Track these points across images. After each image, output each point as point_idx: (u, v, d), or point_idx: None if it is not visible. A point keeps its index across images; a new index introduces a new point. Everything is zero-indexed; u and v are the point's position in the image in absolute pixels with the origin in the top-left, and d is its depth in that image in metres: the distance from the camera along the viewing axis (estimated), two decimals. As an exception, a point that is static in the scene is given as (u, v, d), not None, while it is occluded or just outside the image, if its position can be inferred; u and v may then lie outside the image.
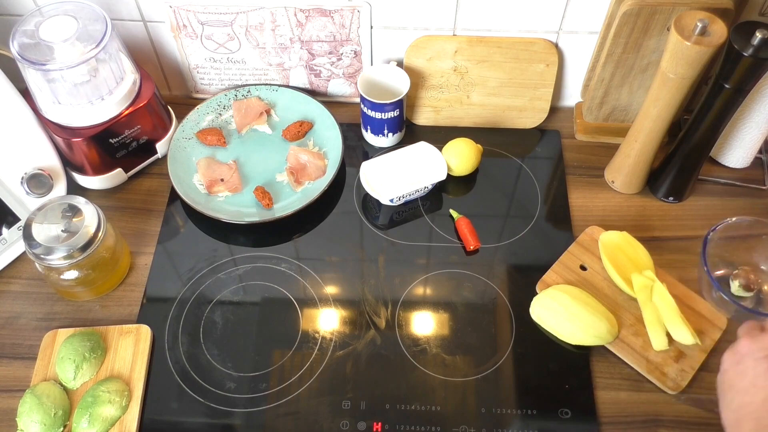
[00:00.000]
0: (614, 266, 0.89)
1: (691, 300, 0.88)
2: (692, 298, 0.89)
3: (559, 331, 0.86)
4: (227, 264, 0.95)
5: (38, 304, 0.92)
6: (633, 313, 0.88)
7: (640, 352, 0.85)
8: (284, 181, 1.02)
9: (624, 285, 0.88)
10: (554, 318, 0.86)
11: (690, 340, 0.82)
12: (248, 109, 1.08)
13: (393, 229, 0.99)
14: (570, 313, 0.84)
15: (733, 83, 0.83)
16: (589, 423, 0.81)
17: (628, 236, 0.92)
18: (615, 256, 0.90)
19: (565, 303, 0.85)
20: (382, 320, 0.89)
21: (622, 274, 0.88)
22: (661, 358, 0.84)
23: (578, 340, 0.85)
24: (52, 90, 0.93)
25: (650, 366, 0.84)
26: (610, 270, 0.89)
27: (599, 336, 0.84)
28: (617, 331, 0.86)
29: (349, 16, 1.00)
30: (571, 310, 0.84)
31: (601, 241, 0.92)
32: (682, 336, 0.82)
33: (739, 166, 1.04)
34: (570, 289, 0.87)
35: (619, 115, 1.07)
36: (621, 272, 0.88)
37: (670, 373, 0.83)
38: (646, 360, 0.84)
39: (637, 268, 0.89)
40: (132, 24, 1.04)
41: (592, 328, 0.84)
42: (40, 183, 0.94)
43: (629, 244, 0.91)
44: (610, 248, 0.91)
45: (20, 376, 0.86)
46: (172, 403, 0.83)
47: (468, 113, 1.10)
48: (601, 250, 0.91)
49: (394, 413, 0.82)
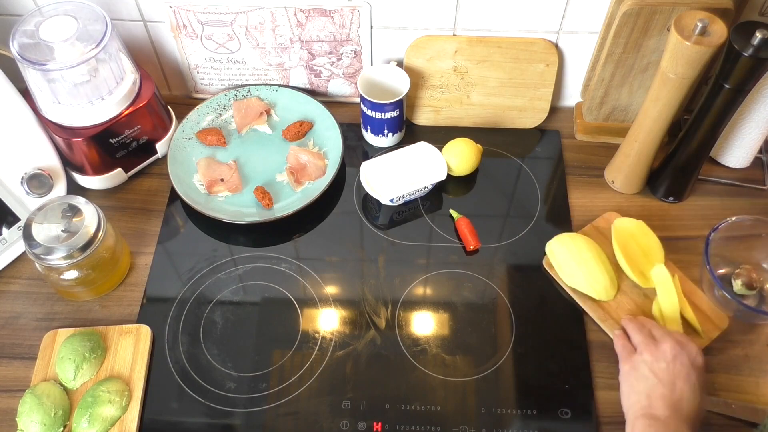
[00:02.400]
0: (624, 253, 0.90)
1: (695, 296, 0.89)
2: (696, 294, 0.89)
3: (564, 270, 0.90)
4: (227, 264, 0.95)
5: (38, 304, 0.92)
6: (634, 299, 0.89)
7: None
8: (284, 181, 1.02)
9: (631, 272, 0.89)
10: (565, 255, 0.90)
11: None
12: (248, 109, 1.08)
13: (393, 229, 0.99)
14: (581, 257, 0.89)
15: (733, 83, 0.83)
16: (589, 423, 0.81)
17: (643, 225, 0.92)
18: (626, 244, 0.91)
19: (581, 247, 0.90)
20: (382, 320, 0.89)
21: (631, 262, 0.89)
22: None
23: (575, 284, 0.89)
24: (52, 90, 0.93)
25: None
26: (619, 256, 0.90)
27: (596, 289, 0.88)
28: (614, 294, 0.89)
29: (349, 16, 1.00)
30: (583, 255, 0.89)
31: (614, 227, 0.93)
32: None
33: (739, 166, 1.04)
34: (590, 241, 0.91)
35: (619, 115, 1.07)
36: (630, 260, 0.89)
37: None
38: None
39: (647, 258, 0.90)
40: (132, 24, 1.04)
41: (594, 279, 0.88)
42: (40, 183, 0.94)
43: (643, 233, 0.92)
44: (623, 235, 0.92)
45: (20, 376, 0.86)
46: (172, 403, 0.83)
47: (468, 113, 1.10)
48: (614, 235, 0.92)
49: (394, 413, 0.82)
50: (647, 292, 0.90)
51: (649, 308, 0.88)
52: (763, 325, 0.88)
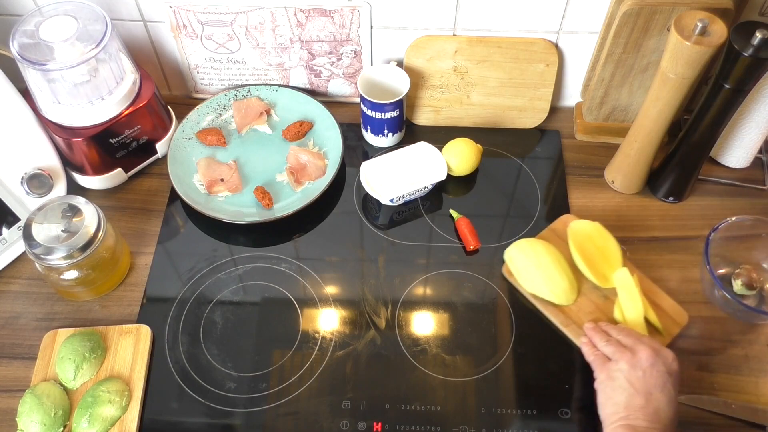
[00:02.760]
0: (581, 255, 0.89)
1: (656, 295, 0.89)
2: (657, 293, 0.89)
3: (522, 276, 0.90)
4: (227, 264, 0.95)
5: (38, 304, 0.92)
6: (595, 302, 0.88)
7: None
8: (284, 181, 1.02)
9: (590, 273, 0.88)
10: (523, 262, 0.89)
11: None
12: (248, 109, 1.08)
13: (393, 229, 0.99)
14: (539, 262, 0.88)
15: (733, 83, 0.83)
16: (589, 423, 0.81)
17: (599, 227, 0.92)
18: (584, 246, 0.90)
19: (539, 252, 0.89)
20: (382, 320, 0.89)
21: (589, 263, 0.89)
22: None
23: (535, 290, 0.89)
24: (52, 90, 0.93)
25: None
26: (577, 258, 0.90)
27: (556, 294, 0.87)
28: (574, 298, 0.88)
29: (349, 16, 1.00)
30: (542, 260, 0.88)
31: (570, 229, 0.92)
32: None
33: (739, 166, 1.04)
34: (548, 245, 0.90)
35: (619, 115, 1.07)
36: (588, 261, 0.89)
37: None
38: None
39: (605, 259, 0.90)
40: (132, 24, 1.04)
41: (553, 284, 0.87)
42: (40, 183, 0.94)
43: (600, 235, 0.91)
44: (579, 237, 0.91)
45: (20, 376, 0.86)
46: (172, 403, 0.83)
47: (468, 113, 1.10)
48: (570, 237, 0.91)
49: (394, 413, 0.82)
50: (607, 293, 0.89)
51: (611, 310, 0.87)
52: (763, 325, 0.88)
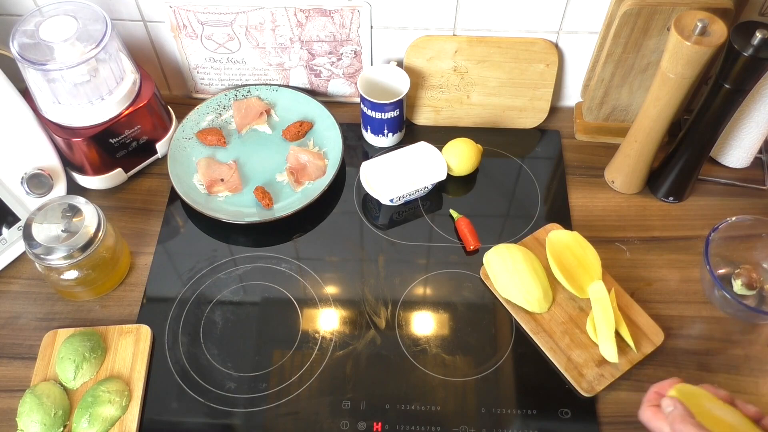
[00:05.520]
0: (558, 264, 0.89)
1: (634, 311, 0.88)
2: (633, 308, 0.88)
3: (498, 280, 0.89)
4: (227, 264, 0.95)
5: (38, 304, 0.92)
6: (569, 312, 0.88)
7: (564, 349, 0.85)
8: (284, 181, 1.02)
9: (566, 283, 0.88)
10: (500, 267, 0.89)
11: (614, 359, 0.82)
12: (248, 109, 1.08)
13: (393, 229, 0.99)
14: (515, 268, 0.88)
15: (732, 83, 0.83)
16: (589, 423, 0.81)
17: (578, 236, 0.92)
18: (561, 256, 0.90)
19: (516, 258, 0.89)
20: (382, 320, 0.89)
21: (566, 273, 0.89)
22: (583, 360, 0.84)
23: (509, 295, 0.89)
24: (52, 90, 0.93)
25: (570, 364, 0.84)
26: (554, 267, 0.90)
27: (528, 301, 0.87)
28: (547, 307, 0.88)
29: (349, 16, 1.00)
30: (517, 267, 0.88)
31: (548, 239, 0.92)
32: (609, 353, 0.83)
33: (739, 166, 1.04)
34: (527, 252, 0.90)
35: (619, 115, 1.07)
36: (565, 271, 0.89)
37: (588, 375, 0.83)
38: (567, 358, 0.84)
39: (584, 269, 0.90)
40: (132, 24, 1.04)
41: (527, 291, 0.87)
42: (40, 183, 0.94)
43: (579, 244, 0.91)
44: (557, 246, 0.91)
45: (20, 376, 0.86)
46: (172, 403, 0.83)
47: (468, 113, 1.10)
48: (547, 246, 0.91)
49: (394, 413, 0.82)
50: (583, 304, 0.89)
51: (583, 322, 0.87)
52: (763, 325, 0.88)
